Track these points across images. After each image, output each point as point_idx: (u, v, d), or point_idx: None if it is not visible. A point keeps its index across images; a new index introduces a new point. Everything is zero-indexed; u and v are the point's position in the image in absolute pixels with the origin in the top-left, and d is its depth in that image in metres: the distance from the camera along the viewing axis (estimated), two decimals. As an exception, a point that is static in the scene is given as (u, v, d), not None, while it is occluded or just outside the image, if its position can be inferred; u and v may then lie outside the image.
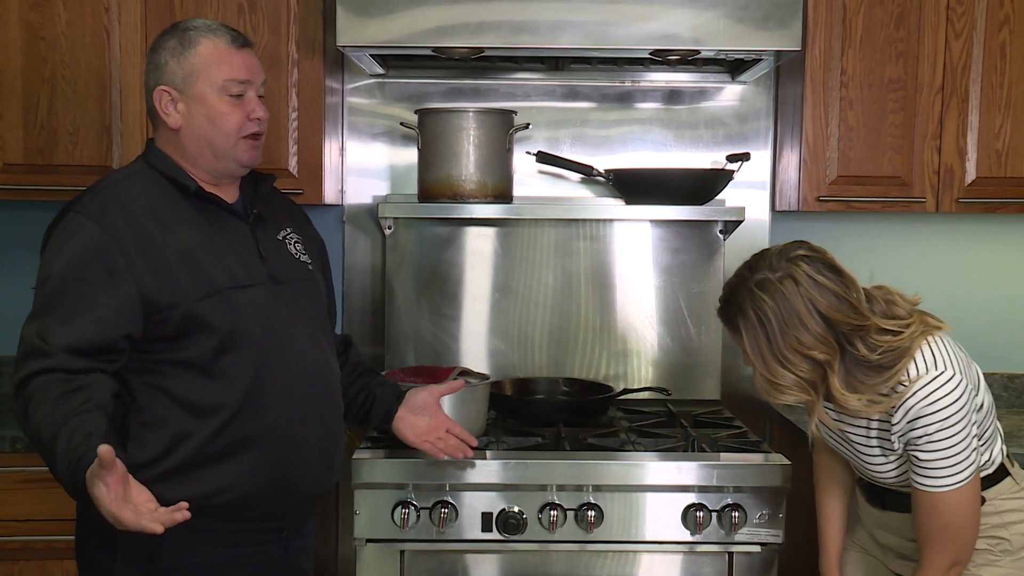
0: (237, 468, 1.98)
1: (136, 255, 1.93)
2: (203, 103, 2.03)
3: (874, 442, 2.02)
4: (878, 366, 1.92)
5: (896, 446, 1.96)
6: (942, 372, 1.90)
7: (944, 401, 1.88)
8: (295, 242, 2.21)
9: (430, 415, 2.33)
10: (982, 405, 1.98)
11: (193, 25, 2.07)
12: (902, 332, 1.92)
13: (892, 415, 1.94)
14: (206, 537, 1.99)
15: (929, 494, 1.91)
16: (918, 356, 1.91)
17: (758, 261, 1.98)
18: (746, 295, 1.94)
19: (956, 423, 1.88)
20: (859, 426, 2.04)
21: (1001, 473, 2.03)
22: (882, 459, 2.02)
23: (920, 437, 1.90)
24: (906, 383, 1.91)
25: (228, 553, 2.03)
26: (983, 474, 1.99)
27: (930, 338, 1.94)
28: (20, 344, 1.90)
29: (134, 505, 1.73)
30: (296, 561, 2.15)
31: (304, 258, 2.21)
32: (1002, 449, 2.06)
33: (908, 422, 1.91)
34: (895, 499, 2.08)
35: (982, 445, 1.99)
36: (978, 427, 1.96)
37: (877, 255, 2.27)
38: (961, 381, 1.90)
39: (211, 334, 1.96)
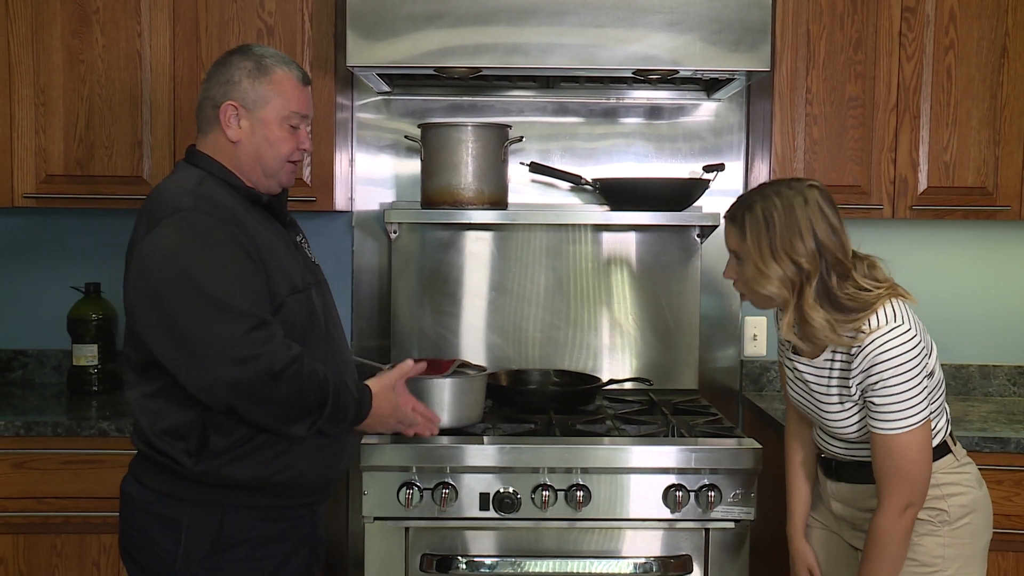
0: (295, 449, 2.01)
1: (251, 246, 1.95)
2: (265, 126, 2.05)
3: (834, 390, 2.06)
4: (844, 306, 1.97)
5: (853, 391, 2.00)
6: (900, 325, 1.94)
7: (899, 350, 1.93)
8: (307, 246, 2.25)
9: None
10: (933, 373, 2.02)
11: (268, 53, 2.08)
12: (873, 290, 1.98)
13: (852, 362, 1.98)
14: (260, 513, 2.02)
15: (884, 436, 1.96)
16: (880, 311, 1.96)
17: (776, 181, 2.07)
18: (758, 198, 2.01)
19: (909, 371, 1.93)
20: (821, 375, 2.07)
21: (944, 449, 2.07)
22: (839, 407, 2.06)
23: (877, 383, 1.95)
24: (865, 331, 1.95)
25: (275, 528, 2.05)
26: None
27: (895, 299, 1.99)
28: (226, 324, 1.84)
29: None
30: (319, 530, 2.18)
31: (316, 260, 2.25)
32: (946, 427, 2.09)
33: (865, 369, 1.96)
34: (846, 470, 2.13)
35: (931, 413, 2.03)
36: (929, 391, 1.99)
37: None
38: (916, 336, 1.95)
39: (293, 329, 1.99)
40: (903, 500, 1.97)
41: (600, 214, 2.99)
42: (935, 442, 2.05)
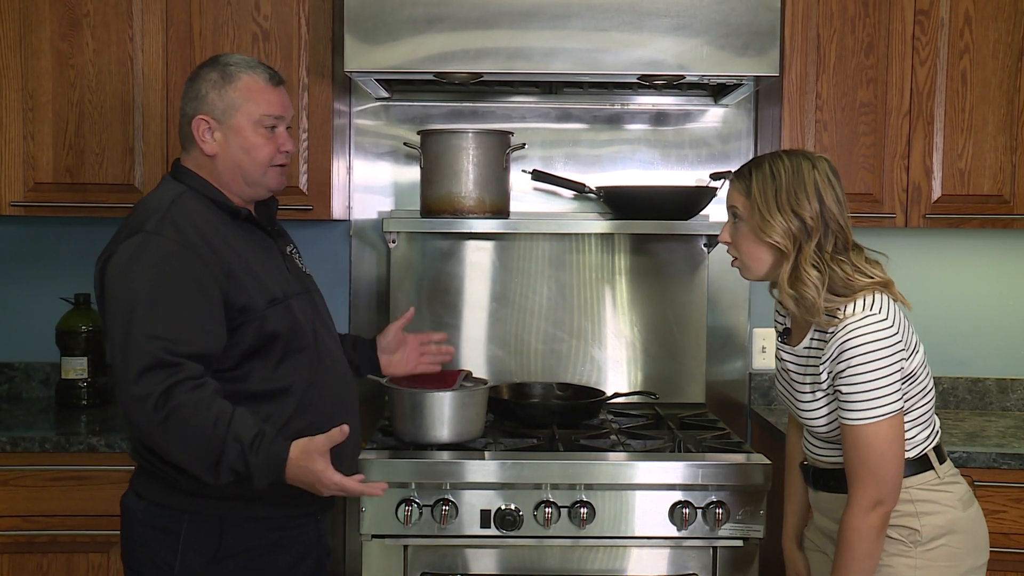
0: None
1: (215, 267, 1.98)
2: (239, 134, 2.09)
3: (807, 378, 2.06)
4: (833, 281, 1.98)
5: (823, 378, 2.00)
6: (876, 314, 1.94)
7: (870, 338, 1.92)
8: (298, 256, 2.28)
9: (402, 348, 2.51)
10: (914, 376, 2.01)
11: (233, 60, 2.12)
12: (864, 279, 1.98)
13: (823, 348, 1.99)
14: (260, 524, 2.06)
15: (852, 428, 1.95)
16: (861, 300, 1.96)
17: (789, 149, 2.12)
18: (768, 157, 2.06)
19: (879, 360, 1.92)
20: (799, 363, 2.09)
21: (923, 464, 2.04)
22: (809, 396, 2.06)
23: (844, 370, 1.94)
24: (840, 317, 1.95)
25: (276, 536, 2.08)
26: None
27: (882, 293, 1.99)
28: (131, 358, 1.88)
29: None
30: (324, 539, 2.22)
31: (307, 270, 2.29)
32: (929, 442, 2.06)
33: (834, 357, 1.96)
34: (823, 478, 2.12)
35: (908, 421, 2.00)
36: (904, 383, 1.97)
37: (851, 267, 2.37)
38: (892, 328, 1.94)
39: (276, 341, 2.03)
40: (871, 496, 1.94)
41: (604, 223, 2.99)
42: (911, 454, 2.03)
